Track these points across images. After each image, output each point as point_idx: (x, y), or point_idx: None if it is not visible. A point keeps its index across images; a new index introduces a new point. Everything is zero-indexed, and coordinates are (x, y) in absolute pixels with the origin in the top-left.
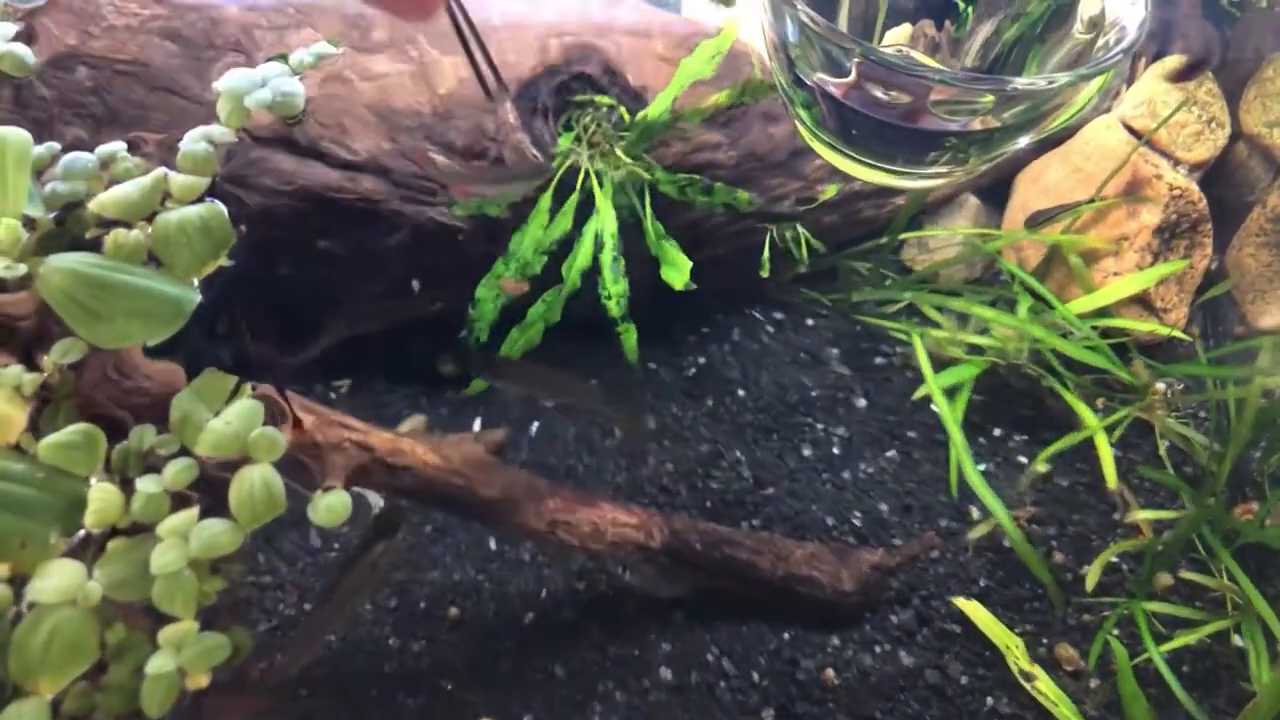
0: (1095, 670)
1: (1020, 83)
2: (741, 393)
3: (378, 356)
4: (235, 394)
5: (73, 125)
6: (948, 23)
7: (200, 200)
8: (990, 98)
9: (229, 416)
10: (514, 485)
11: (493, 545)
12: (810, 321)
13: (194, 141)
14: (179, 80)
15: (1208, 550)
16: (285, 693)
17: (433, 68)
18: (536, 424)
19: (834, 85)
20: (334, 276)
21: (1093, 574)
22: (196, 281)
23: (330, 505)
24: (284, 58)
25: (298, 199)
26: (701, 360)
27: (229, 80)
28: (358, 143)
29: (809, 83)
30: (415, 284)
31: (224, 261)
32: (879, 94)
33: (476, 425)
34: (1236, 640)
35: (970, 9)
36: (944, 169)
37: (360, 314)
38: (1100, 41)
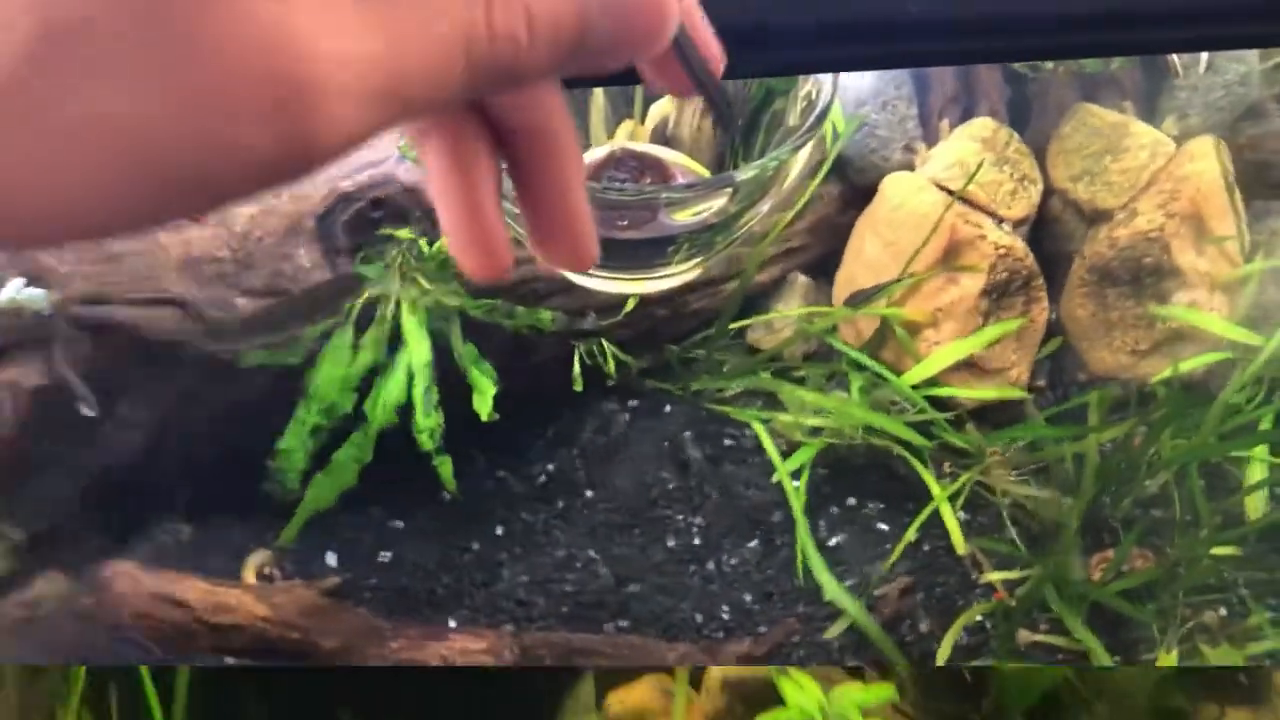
0: None
1: (741, 176)
2: (595, 491)
3: (224, 490)
4: None
5: None
6: None
7: None
8: (726, 195)
9: None
10: (355, 630)
11: None
12: (667, 409)
13: None
14: None
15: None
16: None
17: (229, 218)
18: (389, 552)
19: None
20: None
21: (946, 644)
22: None
23: None
24: None
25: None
26: (551, 464)
27: None
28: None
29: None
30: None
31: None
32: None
33: (330, 558)
34: None
35: None
36: (691, 262)
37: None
38: (802, 91)
